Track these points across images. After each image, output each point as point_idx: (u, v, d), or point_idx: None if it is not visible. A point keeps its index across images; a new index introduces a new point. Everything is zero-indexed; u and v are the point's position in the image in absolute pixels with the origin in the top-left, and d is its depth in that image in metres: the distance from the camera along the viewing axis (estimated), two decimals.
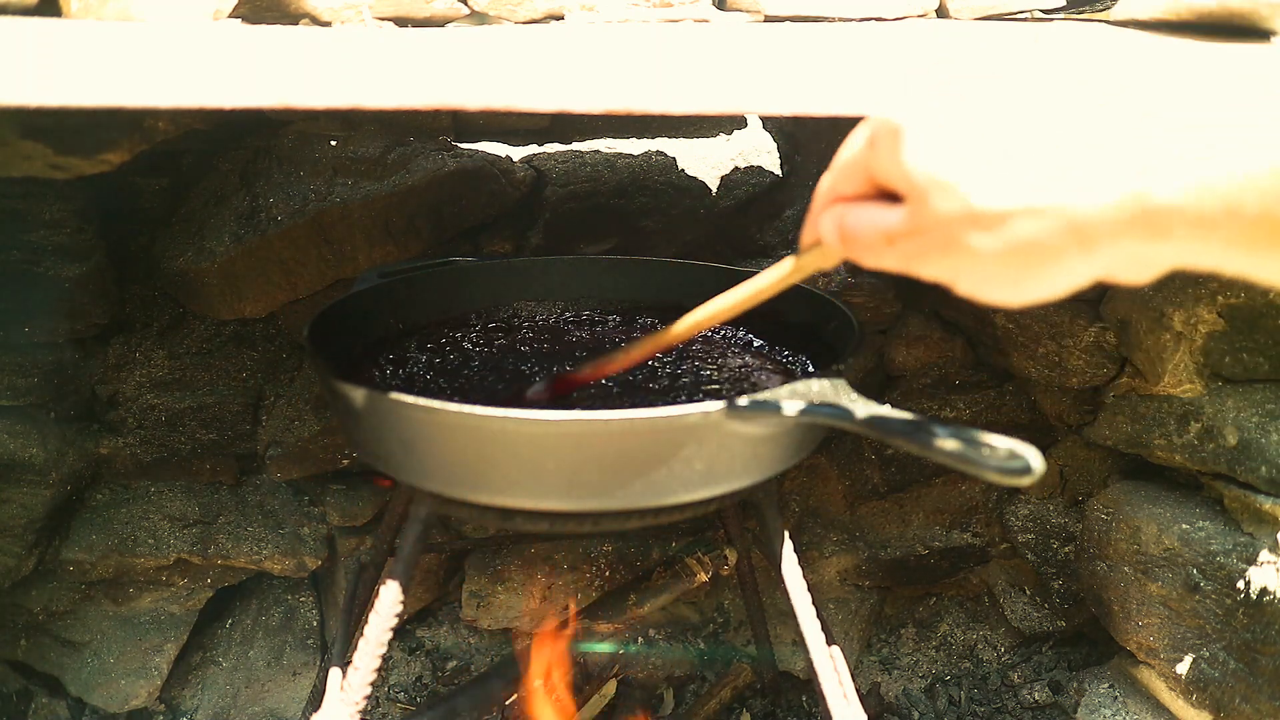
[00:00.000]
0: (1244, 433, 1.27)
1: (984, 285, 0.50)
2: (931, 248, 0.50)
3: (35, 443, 1.44)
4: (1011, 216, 0.45)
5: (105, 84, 0.61)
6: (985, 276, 0.49)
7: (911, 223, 0.50)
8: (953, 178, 0.47)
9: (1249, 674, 1.24)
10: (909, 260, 0.53)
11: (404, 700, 1.61)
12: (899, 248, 0.53)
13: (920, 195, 0.49)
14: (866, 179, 0.55)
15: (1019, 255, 0.46)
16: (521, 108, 0.68)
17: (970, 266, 0.49)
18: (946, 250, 0.49)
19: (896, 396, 1.64)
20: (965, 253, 0.48)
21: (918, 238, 0.51)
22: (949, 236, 0.48)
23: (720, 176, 1.65)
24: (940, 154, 0.48)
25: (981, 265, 0.48)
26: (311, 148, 1.47)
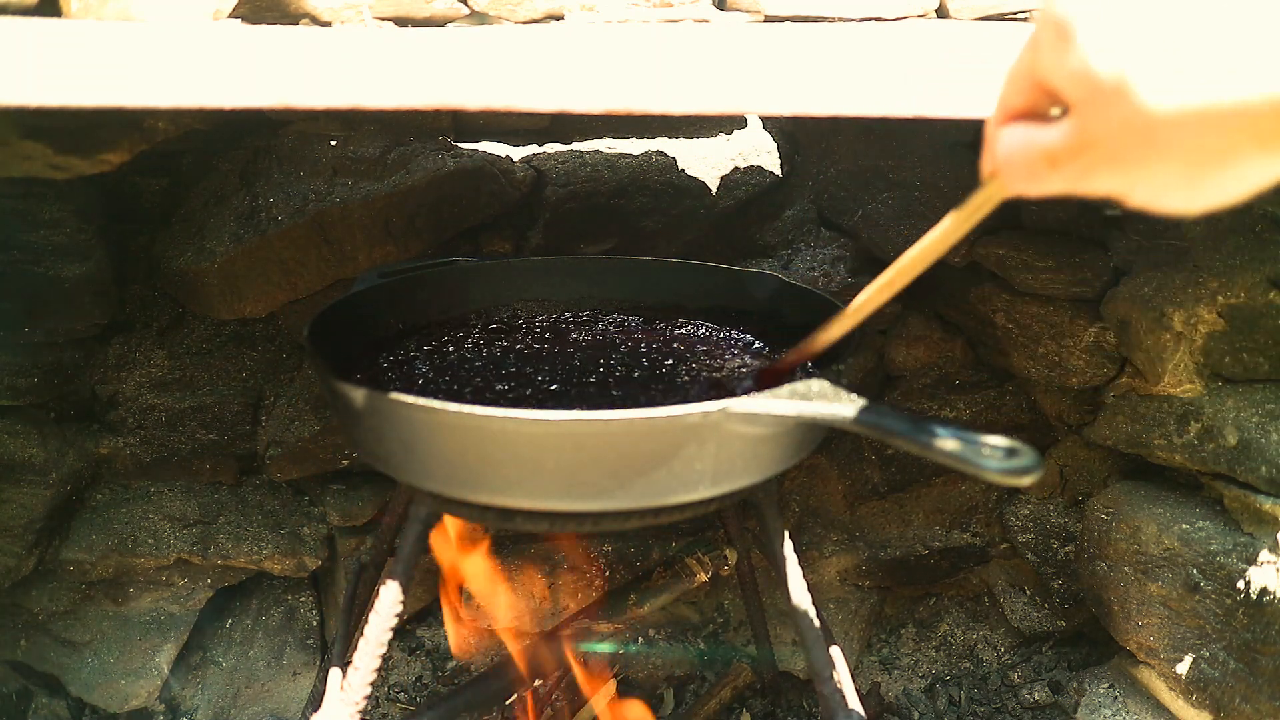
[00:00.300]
0: (1244, 433, 1.27)
1: (1161, 195, 0.46)
2: (1101, 162, 0.46)
3: (35, 443, 1.44)
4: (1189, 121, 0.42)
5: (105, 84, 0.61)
6: (1161, 187, 0.45)
7: (1077, 137, 0.46)
8: (1123, 79, 0.43)
9: (1249, 674, 1.24)
10: (1077, 179, 0.48)
11: (404, 700, 1.61)
12: (1063, 168, 0.48)
13: (1087, 102, 0.45)
14: (1033, 85, 0.50)
15: (1197, 162, 0.43)
16: (521, 108, 0.68)
17: (1144, 178, 0.45)
18: (1117, 163, 0.45)
19: (896, 396, 1.64)
20: (1138, 164, 0.44)
21: (1085, 153, 0.46)
22: (1120, 147, 0.44)
23: (720, 176, 1.65)
24: (1108, 52, 0.43)
25: (1156, 176, 0.45)
26: (311, 148, 1.47)
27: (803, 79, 0.71)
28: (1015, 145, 0.51)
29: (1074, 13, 0.45)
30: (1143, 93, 0.42)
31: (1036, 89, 0.50)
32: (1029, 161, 0.50)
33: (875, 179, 1.54)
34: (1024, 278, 1.44)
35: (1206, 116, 0.41)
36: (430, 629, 1.72)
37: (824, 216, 1.65)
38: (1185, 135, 0.42)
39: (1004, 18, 1.11)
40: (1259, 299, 1.26)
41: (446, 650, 1.70)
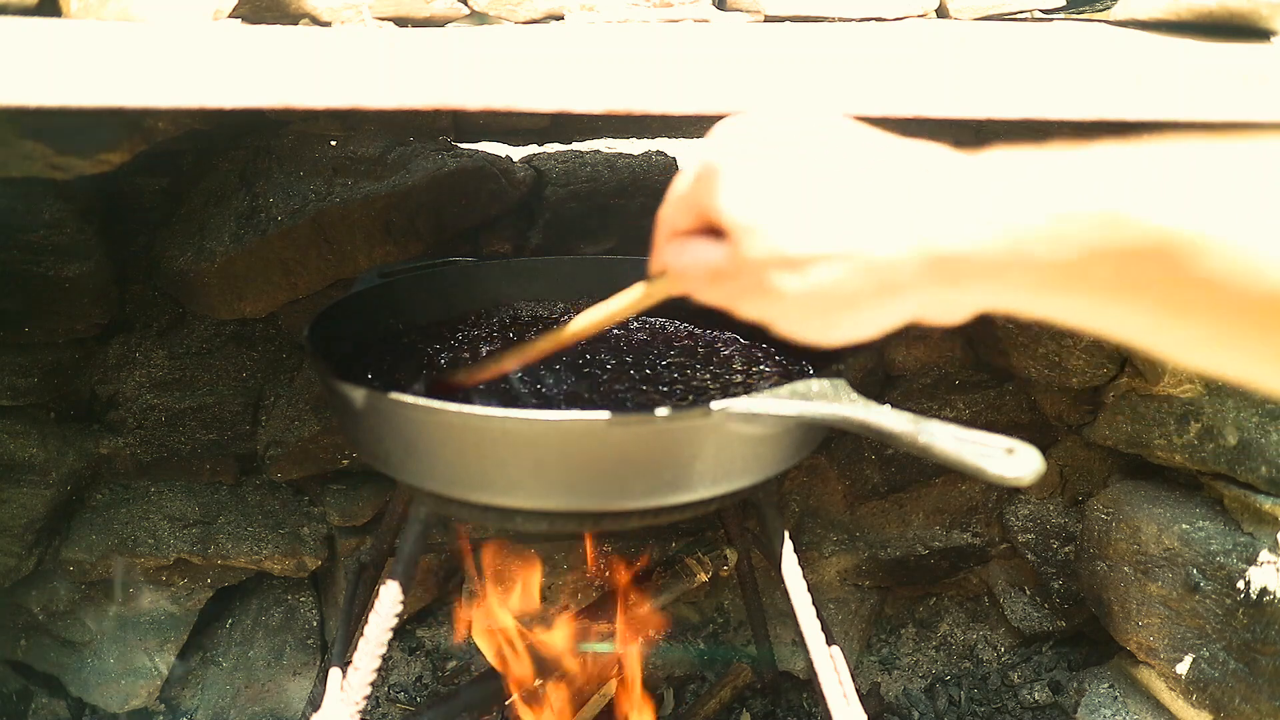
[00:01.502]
0: (1244, 433, 1.27)
1: (797, 326, 0.52)
2: (748, 289, 0.52)
3: (35, 443, 1.45)
4: (816, 261, 0.47)
5: (105, 84, 0.61)
6: (797, 318, 0.51)
7: (731, 263, 0.52)
8: (762, 222, 0.48)
9: (1249, 674, 1.24)
10: (731, 299, 0.54)
11: (404, 700, 1.61)
12: (722, 286, 0.54)
13: (735, 237, 0.50)
14: (695, 214, 0.56)
15: (825, 299, 0.48)
16: (521, 108, 0.68)
17: (782, 308, 0.51)
18: (760, 292, 0.51)
19: (896, 396, 1.64)
20: (776, 295, 0.49)
21: (736, 278, 0.52)
22: (761, 278, 0.50)
23: None
24: (752, 198, 0.49)
25: (792, 307, 0.50)
26: (311, 148, 1.47)
27: (803, 79, 0.71)
28: (692, 259, 0.56)
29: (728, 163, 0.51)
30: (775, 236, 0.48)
31: (697, 216, 0.56)
32: (699, 274, 0.56)
33: None
34: None
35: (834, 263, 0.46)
36: (430, 629, 1.72)
37: None
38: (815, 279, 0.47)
39: (1004, 18, 1.11)
40: None
41: (446, 650, 1.70)
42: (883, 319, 0.49)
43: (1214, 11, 0.90)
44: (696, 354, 1.17)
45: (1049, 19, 1.12)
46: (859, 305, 0.48)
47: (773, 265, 0.48)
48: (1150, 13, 0.98)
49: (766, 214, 0.48)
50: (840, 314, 0.49)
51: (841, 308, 0.48)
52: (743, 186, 0.50)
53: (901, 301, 0.47)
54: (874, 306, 0.48)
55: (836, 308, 0.48)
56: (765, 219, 0.48)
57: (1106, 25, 1.04)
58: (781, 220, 0.48)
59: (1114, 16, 1.05)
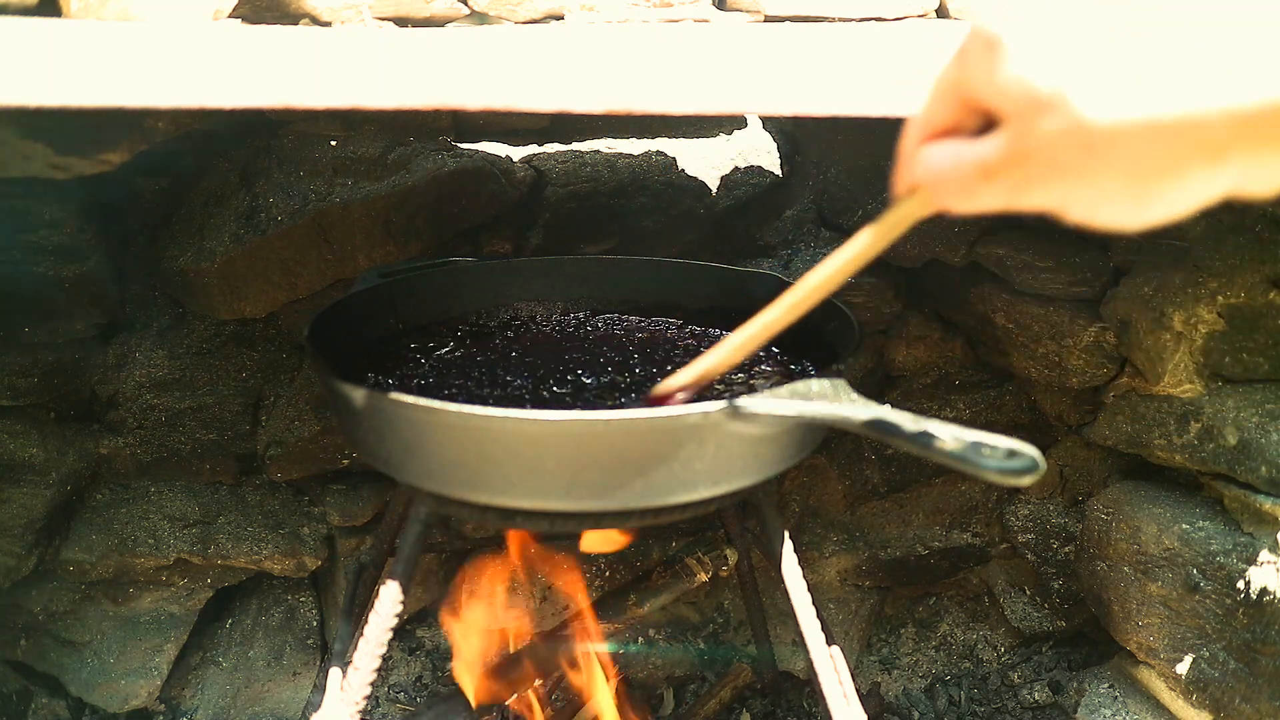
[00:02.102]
0: (1244, 433, 1.27)
1: (1100, 210, 0.45)
2: (1038, 175, 0.44)
3: (35, 443, 1.44)
4: (1131, 132, 0.40)
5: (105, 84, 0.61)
6: (1101, 199, 0.44)
7: (1012, 148, 0.45)
8: (1061, 90, 0.41)
9: (1249, 674, 1.24)
10: (1011, 193, 0.47)
11: (404, 700, 1.61)
12: (999, 181, 0.46)
13: (1022, 114, 0.43)
14: (960, 101, 0.49)
15: (1140, 174, 0.42)
16: (521, 108, 0.68)
17: (1083, 191, 0.44)
18: (1056, 175, 0.44)
19: (896, 396, 1.64)
20: (1078, 176, 0.43)
21: (1021, 166, 0.45)
22: (1058, 159, 0.43)
23: (720, 176, 1.65)
24: (1044, 64, 0.42)
25: (1097, 188, 0.43)
26: (311, 148, 1.47)
27: (803, 79, 0.71)
28: (945, 160, 0.49)
29: (1007, 28, 0.44)
30: (1083, 104, 0.41)
31: (963, 105, 0.49)
32: (961, 176, 0.48)
33: (875, 179, 1.54)
34: (1024, 277, 1.44)
35: (1151, 128, 0.40)
36: (430, 629, 1.72)
37: (824, 216, 1.65)
38: (1128, 147, 0.41)
39: None
40: (1259, 299, 1.26)
41: (447, 650, 1.70)
42: (1201, 192, 0.43)
43: None
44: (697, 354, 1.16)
45: None
46: (1179, 179, 0.41)
47: (1077, 142, 0.41)
48: None
49: (1068, 79, 0.41)
50: (1154, 190, 0.42)
51: (1158, 183, 0.42)
52: (1032, 50, 0.43)
53: (1226, 170, 0.41)
54: (1196, 179, 0.42)
55: (1152, 184, 0.42)
56: (1066, 85, 0.41)
57: None
58: (1088, 85, 0.41)
59: None
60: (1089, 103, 0.41)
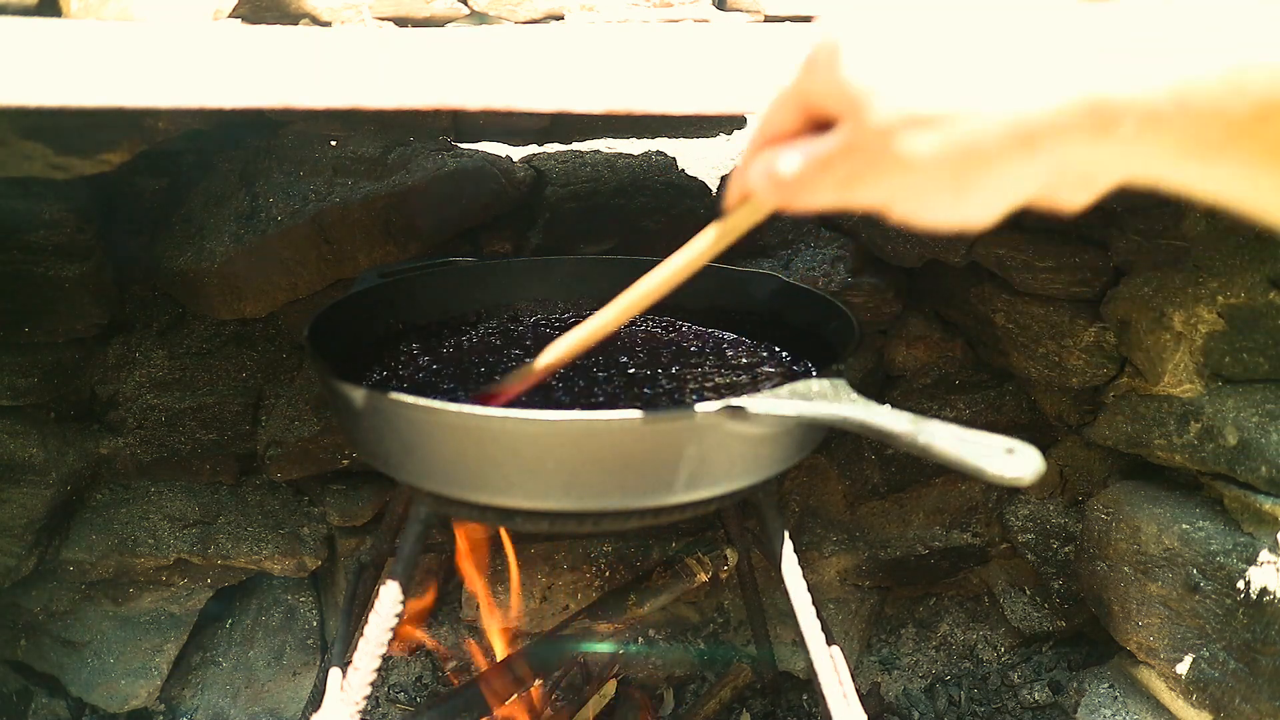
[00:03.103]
0: (1244, 433, 1.27)
1: (921, 203, 0.47)
2: (867, 165, 0.47)
3: (35, 443, 1.44)
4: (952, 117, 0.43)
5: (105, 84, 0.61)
6: (922, 190, 0.47)
7: (847, 139, 0.47)
8: (892, 82, 0.44)
9: (1249, 674, 1.24)
10: (844, 186, 0.49)
11: (404, 700, 1.61)
12: (833, 172, 0.49)
13: (857, 106, 0.46)
14: (801, 109, 0.51)
15: (958, 161, 0.44)
16: (521, 108, 0.68)
17: (907, 181, 0.46)
18: (882, 164, 0.46)
19: (896, 396, 1.64)
20: (902, 164, 0.45)
21: (853, 155, 0.47)
22: (885, 146, 0.45)
23: (720, 176, 1.65)
24: (879, 61, 0.45)
25: (919, 176, 0.45)
26: (311, 148, 1.47)
27: None
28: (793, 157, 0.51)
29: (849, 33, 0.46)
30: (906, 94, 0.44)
31: (804, 113, 0.51)
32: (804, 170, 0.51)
33: None
34: (1024, 277, 1.44)
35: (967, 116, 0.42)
36: (430, 629, 1.72)
37: (824, 216, 1.65)
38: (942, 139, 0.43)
39: None
40: (1259, 299, 1.26)
41: (447, 650, 1.70)
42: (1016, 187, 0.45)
43: None
44: (697, 353, 1.17)
45: None
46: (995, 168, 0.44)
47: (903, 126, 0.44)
48: None
49: (897, 71, 0.44)
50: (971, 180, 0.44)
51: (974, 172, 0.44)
52: (867, 50, 0.45)
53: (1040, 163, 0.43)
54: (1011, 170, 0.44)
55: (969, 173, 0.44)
56: (896, 76, 0.44)
57: None
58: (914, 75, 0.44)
59: None
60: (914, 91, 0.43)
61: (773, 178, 0.53)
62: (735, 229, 0.63)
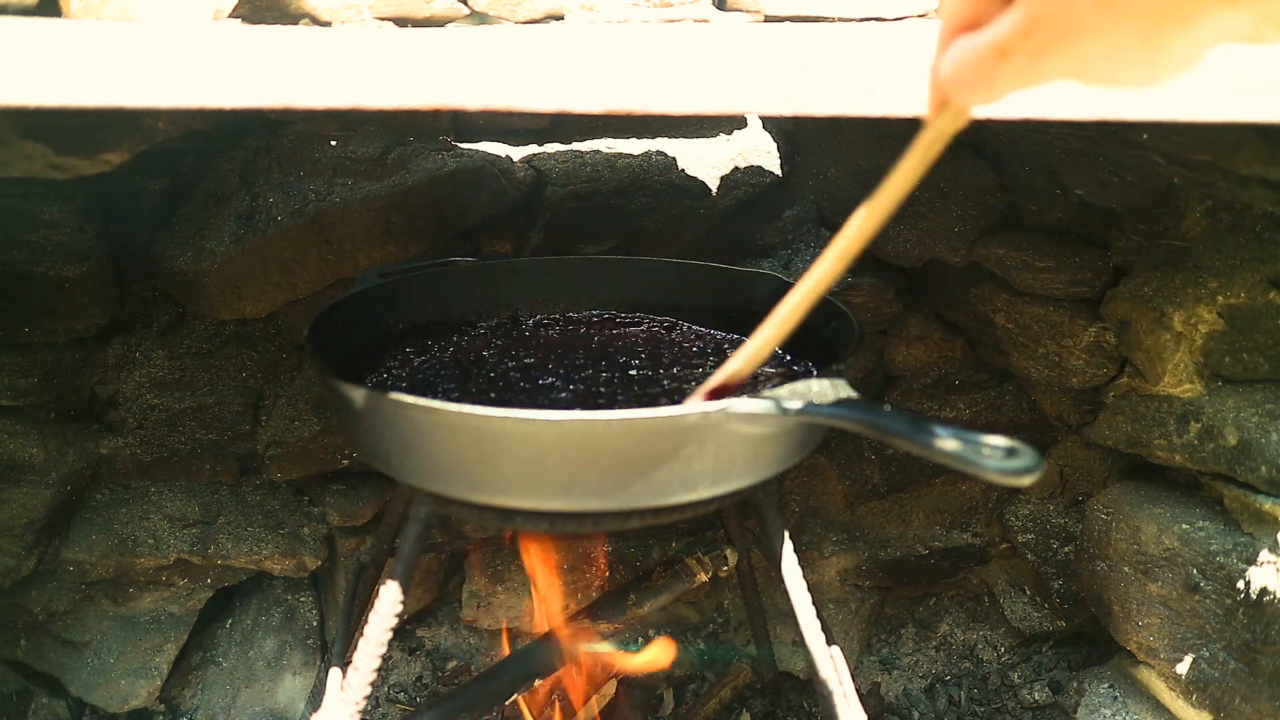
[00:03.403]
0: (1244, 433, 1.27)
1: (1118, 67, 0.44)
2: (1053, 39, 0.44)
3: (35, 443, 1.44)
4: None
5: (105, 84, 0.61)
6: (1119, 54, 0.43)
7: (1025, 16, 0.44)
8: None
9: (1249, 674, 1.24)
10: (1029, 66, 0.46)
11: (404, 700, 1.61)
12: (1015, 57, 0.46)
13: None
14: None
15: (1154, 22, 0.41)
16: (521, 108, 0.68)
17: (1101, 47, 0.43)
18: (1070, 36, 0.43)
19: (896, 396, 1.64)
20: (1092, 33, 0.42)
21: (1035, 32, 0.44)
22: (1071, 17, 0.42)
23: (720, 176, 1.65)
24: None
25: (1115, 41, 0.42)
26: (311, 148, 1.47)
27: (803, 79, 0.71)
28: (962, 52, 0.48)
29: None
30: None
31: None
32: (979, 63, 0.48)
33: (875, 179, 1.53)
34: (1024, 277, 1.44)
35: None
36: (430, 629, 1.72)
37: (824, 216, 1.65)
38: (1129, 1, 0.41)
39: None
40: (1259, 299, 1.26)
41: (447, 650, 1.70)
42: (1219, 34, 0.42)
43: None
44: (697, 353, 1.17)
45: None
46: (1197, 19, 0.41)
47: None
48: None
49: None
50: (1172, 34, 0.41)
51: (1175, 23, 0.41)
52: None
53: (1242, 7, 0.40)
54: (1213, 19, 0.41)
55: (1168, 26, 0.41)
56: None
57: None
58: None
59: None
60: None
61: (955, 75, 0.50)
62: (941, 137, 0.58)
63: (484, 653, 1.69)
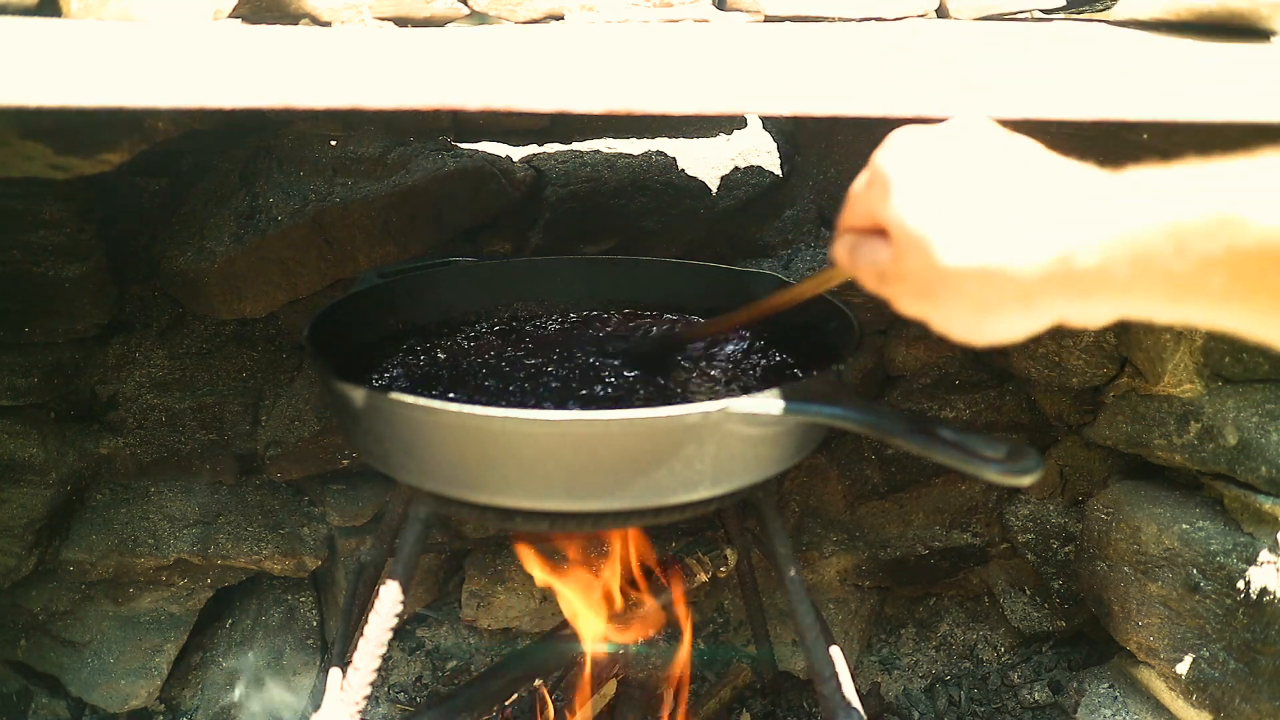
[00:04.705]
0: (1244, 433, 1.27)
1: (951, 327, 0.57)
2: (909, 292, 0.58)
3: (35, 443, 1.45)
4: (967, 276, 0.52)
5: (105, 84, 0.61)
6: (950, 320, 0.57)
7: (895, 267, 0.58)
8: (925, 235, 0.54)
9: (1249, 674, 1.24)
10: (895, 299, 0.61)
11: (404, 700, 1.61)
12: (888, 286, 0.61)
13: (901, 245, 0.56)
14: (868, 215, 0.61)
15: (975, 307, 0.53)
16: (521, 108, 0.68)
17: (937, 312, 0.57)
18: (920, 295, 0.57)
19: (896, 396, 1.64)
20: (933, 300, 0.56)
21: (900, 281, 0.58)
22: (921, 285, 0.56)
23: (720, 176, 1.65)
24: (917, 210, 0.55)
25: (946, 312, 0.56)
26: (311, 148, 1.47)
27: (803, 79, 0.71)
28: (864, 256, 0.62)
29: (895, 170, 0.57)
30: (939, 249, 0.53)
31: (869, 217, 0.61)
32: (869, 272, 0.62)
33: None
34: None
35: (979, 275, 0.51)
36: (430, 629, 1.72)
37: (824, 216, 1.65)
38: (964, 287, 0.53)
39: (1003, 18, 1.11)
40: None
41: (447, 650, 1.70)
42: (1026, 325, 0.54)
43: (1214, 11, 0.90)
44: (696, 354, 1.17)
45: (1049, 19, 1.12)
46: (1004, 313, 0.53)
47: (932, 276, 0.54)
48: (1150, 12, 0.98)
49: (927, 228, 0.54)
50: (988, 319, 0.54)
51: (989, 315, 0.53)
52: (908, 199, 0.55)
53: (1041, 311, 0.52)
54: (1017, 315, 0.53)
55: (985, 315, 0.54)
56: (925, 232, 0.54)
57: (1106, 25, 1.04)
58: (940, 235, 0.53)
59: (1114, 16, 1.05)
60: (942, 250, 0.53)
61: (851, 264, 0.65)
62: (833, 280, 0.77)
63: (484, 653, 1.69)
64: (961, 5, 1.08)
